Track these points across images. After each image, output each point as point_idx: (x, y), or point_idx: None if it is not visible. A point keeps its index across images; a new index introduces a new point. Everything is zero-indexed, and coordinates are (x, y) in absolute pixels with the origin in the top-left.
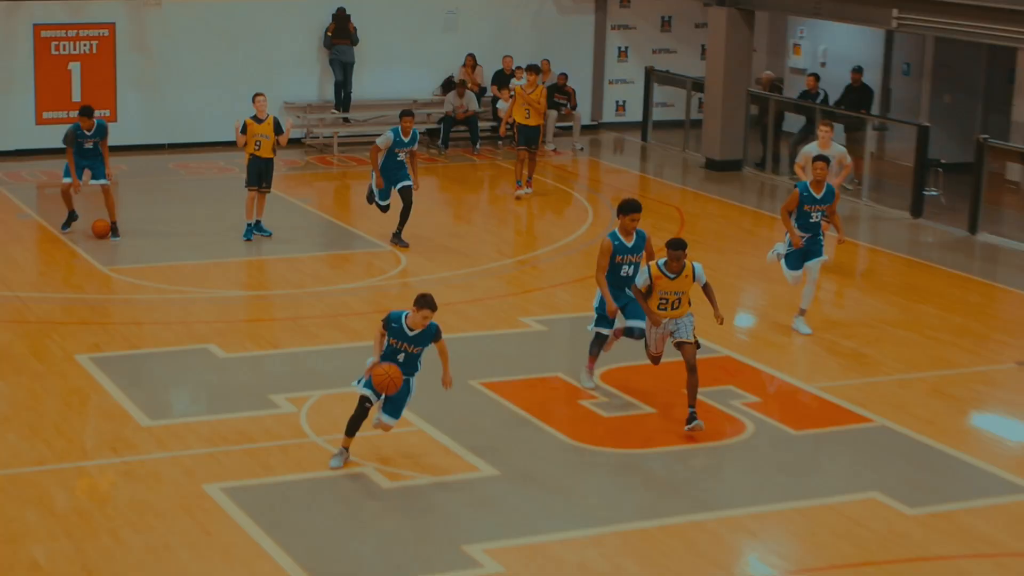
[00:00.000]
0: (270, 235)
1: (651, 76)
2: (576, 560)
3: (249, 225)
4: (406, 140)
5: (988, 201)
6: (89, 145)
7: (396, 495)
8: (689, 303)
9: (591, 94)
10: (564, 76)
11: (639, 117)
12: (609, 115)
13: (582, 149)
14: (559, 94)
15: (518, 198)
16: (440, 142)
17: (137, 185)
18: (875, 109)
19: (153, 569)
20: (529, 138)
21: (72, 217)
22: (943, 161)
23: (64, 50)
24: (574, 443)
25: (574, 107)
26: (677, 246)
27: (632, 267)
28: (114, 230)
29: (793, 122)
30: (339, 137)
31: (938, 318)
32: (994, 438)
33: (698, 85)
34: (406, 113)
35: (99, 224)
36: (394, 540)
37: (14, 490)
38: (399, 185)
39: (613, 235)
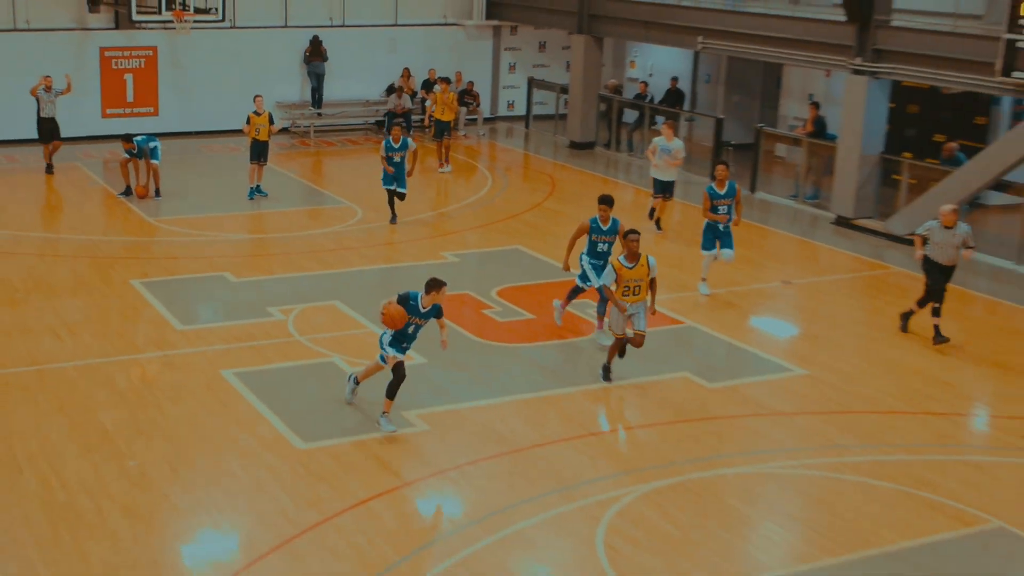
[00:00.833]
0: (266, 195)
1: (531, 83)
2: (481, 420)
3: (251, 188)
4: (396, 146)
5: (763, 170)
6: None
7: None
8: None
9: (490, 96)
10: (471, 83)
11: (523, 112)
12: (503, 111)
13: (484, 135)
14: (468, 96)
15: (441, 173)
16: (385, 130)
17: (173, 161)
18: (686, 106)
19: (186, 430)
20: (442, 129)
21: (128, 191)
22: (732, 142)
23: (121, 65)
24: (480, 340)
25: (478, 105)
26: (633, 232)
27: (607, 245)
28: (157, 192)
29: (630, 115)
30: (315, 127)
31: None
32: (766, 334)
33: (564, 89)
34: (395, 125)
35: (140, 189)
36: (358, 405)
37: (88, 375)
38: (391, 186)
39: (593, 219)
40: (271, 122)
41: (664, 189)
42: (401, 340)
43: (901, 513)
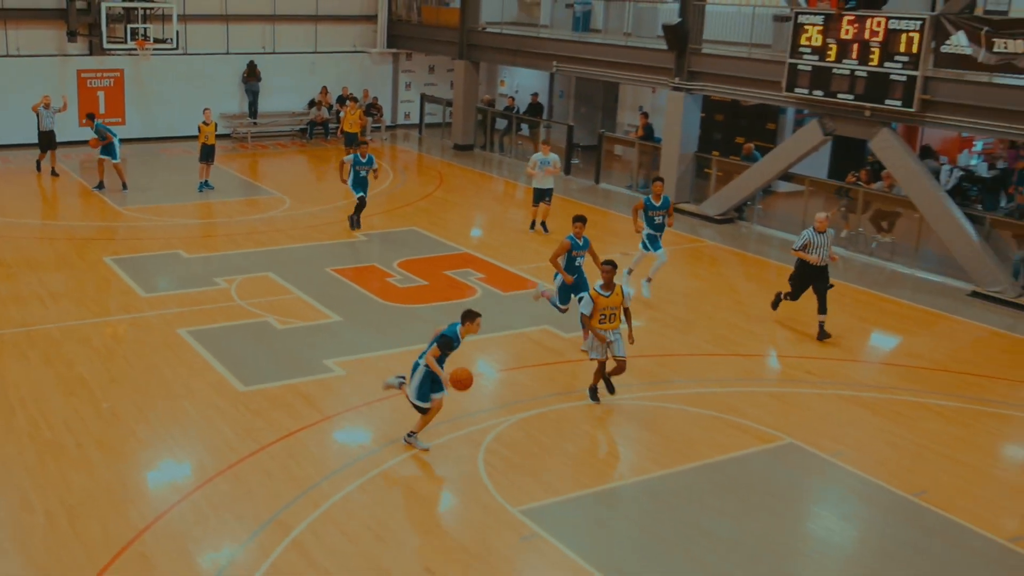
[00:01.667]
0: (213, 188)
1: (423, 98)
2: (386, 366)
3: (201, 183)
4: (364, 161)
5: (605, 166)
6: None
7: (286, 333)
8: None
9: (391, 108)
10: (376, 98)
11: (417, 121)
12: (401, 120)
13: (386, 139)
14: (373, 108)
15: (344, 179)
16: (308, 135)
17: (138, 161)
18: (545, 116)
19: (149, 378)
20: (351, 140)
21: (100, 185)
22: (581, 144)
23: (94, 84)
24: (384, 302)
25: (382, 115)
26: (608, 263)
27: (581, 259)
28: (124, 186)
29: (501, 123)
30: (251, 133)
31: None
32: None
33: (449, 103)
34: (360, 143)
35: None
36: (286, 357)
37: (69, 334)
38: (359, 195)
39: (571, 237)
40: (217, 130)
41: (544, 196)
42: (433, 377)
43: (715, 434)
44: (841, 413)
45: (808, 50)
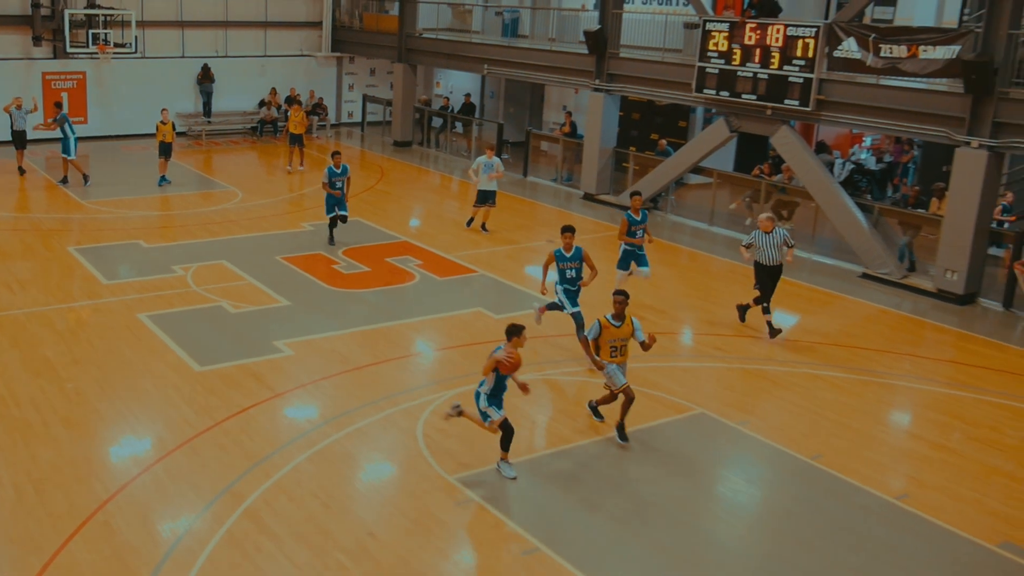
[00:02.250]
0: (171, 182)
1: (365, 99)
2: (331, 347)
3: (160, 178)
4: (339, 171)
5: (532, 161)
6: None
7: (239, 316)
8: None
9: (335, 108)
10: (321, 98)
11: (360, 119)
12: (345, 119)
13: (331, 137)
14: (319, 108)
15: (289, 172)
16: (258, 133)
17: (100, 157)
18: (477, 115)
19: (111, 359)
20: (295, 140)
21: (65, 180)
22: (511, 141)
23: (59, 85)
24: (330, 287)
25: (327, 115)
26: (620, 293)
27: (574, 271)
28: (86, 179)
29: (436, 121)
30: (205, 131)
31: (511, 222)
32: (536, 279)
33: (389, 103)
34: (335, 153)
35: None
36: (239, 339)
37: (35, 319)
38: (333, 213)
39: (557, 250)
40: (174, 128)
41: (488, 198)
42: (499, 394)
43: (635, 405)
44: (747, 385)
45: (715, 54)
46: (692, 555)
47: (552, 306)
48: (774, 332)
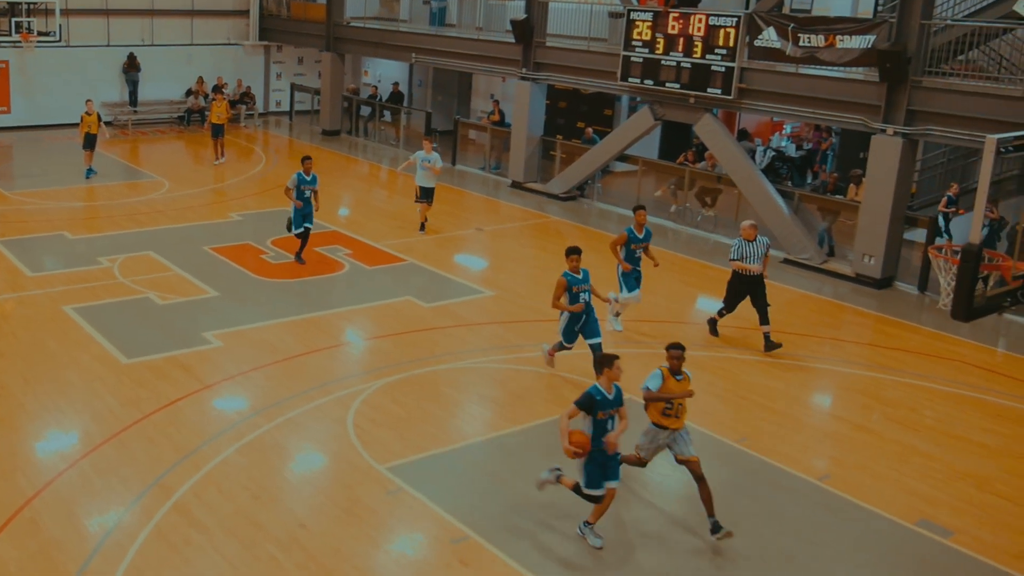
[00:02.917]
0: (97, 173)
1: (293, 88)
2: (260, 337)
3: (87, 169)
4: (308, 179)
5: (461, 149)
6: None
7: (167, 308)
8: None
9: (263, 97)
10: (249, 87)
11: (288, 108)
12: (272, 108)
13: (259, 126)
14: (246, 97)
15: (216, 166)
16: (185, 123)
17: (24, 148)
18: (405, 103)
19: (36, 352)
20: (217, 131)
21: None
22: (439, 129)
23: None
24: (258, 277)
25: (255, 104)
26: (675, 347)
27: (586, 294)
28: None
29: (365, 110)
30: (132, 121)
31: (439, 210)
32: (465, 266)
33: (317, 91)
34: (305, 158)
35: None
36: (167, 330)
37: None
38: (300, 228)
39: (566, 273)
40: (100, 119)
41: (426, 195)
42: (599, 457)
43: (561, 392)
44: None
45: (639, 43)
46: (620, 542)
47: (560, 347)
48: (772, 346)
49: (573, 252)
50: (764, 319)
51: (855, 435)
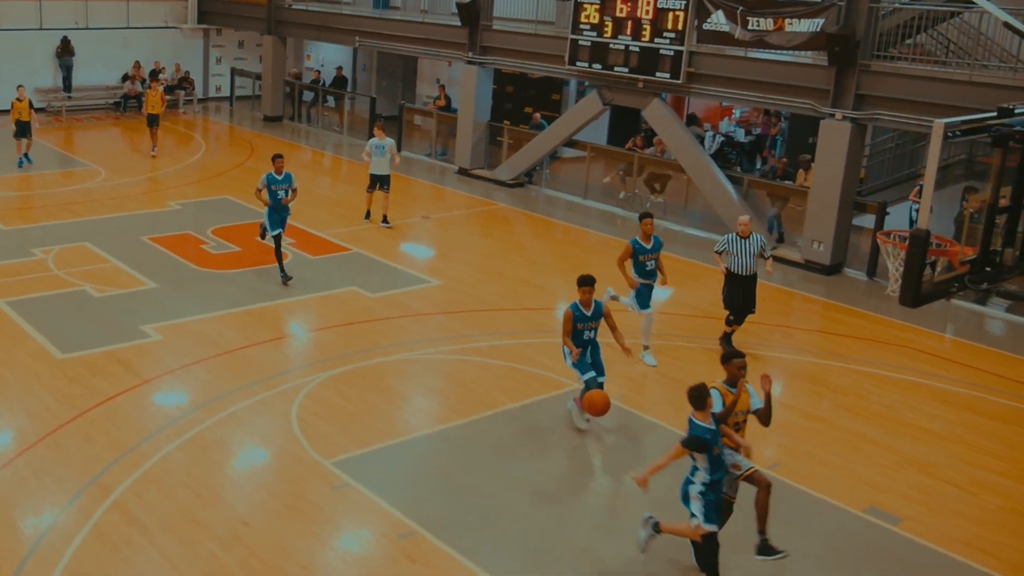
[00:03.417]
0: (32, 162)
1: (234, 72)
2: (201, 330)
3: (20, 158)
4: (280, 179)
5: (406, 135)
6: None
7: (104, 300)
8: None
9: (202, 82)
10: (188, 72)
11: (228, 94)
12: (212, 93)
13: (198, 112)
14: (185, 82)
15: (153, 157)
16: (122, 109)
17: None
18: (349, 88)
19: None
20: (151, 121)
21: None
22: (384, 115)
23: None
24: (199, 268)
25: (194, 89)
26: (735, 355)
27: (591, 332)
28: None
29: (308, 95)
30: (66, 107)
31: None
32: (411, 255)
33: (258, 76)
34: (275, 157)
35: None
36: (104, 324)
37: None
38: (277, 231)
39: (574, 305)
40: (31, 106)
41: (380, 183)
42: (717, 486)
43: (510, 383)
44: (622, 359)
45: (587, 27)
46: (570, 533)
47: (586, 388)
48: (727, 345)
49: (585, 283)
50: (740, 318)
51: (804, 423)
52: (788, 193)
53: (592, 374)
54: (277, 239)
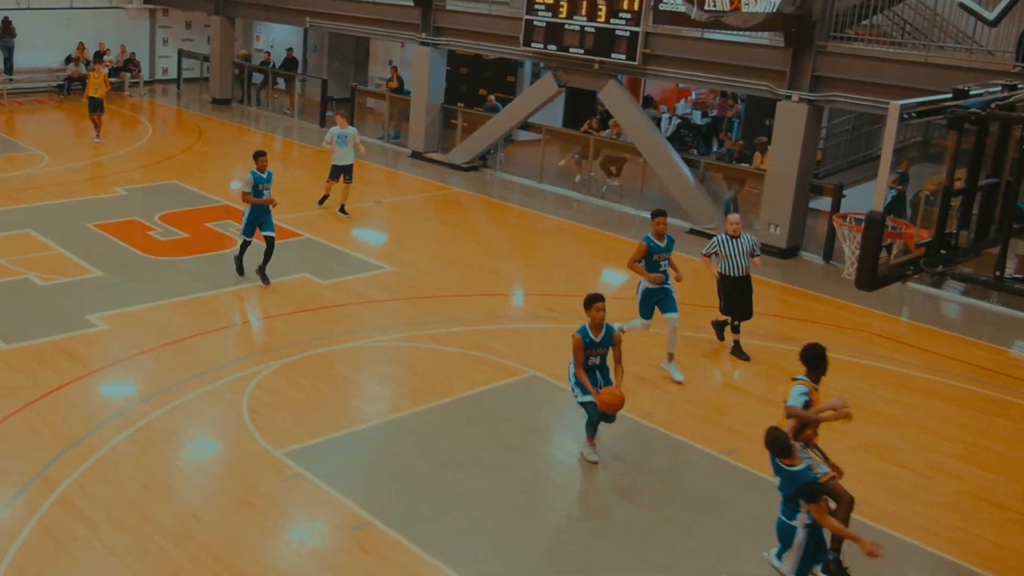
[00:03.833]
0: None
1: (181, 54)
2: (150, 319)
3: None
4: (265, 177)
5: (358, 118)
6: None
7: (48, 289)
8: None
9: (149, 64)
10: (133, 54)
11: (175, 76)
12: (159, 75)
13: (144, 94)
14: (131, 64)
15: (96, 142)
16: (65, 91)
17: None
18: (299, 70)
19: None
20: (94, 105)
21: None
22: (335, 97)
23: None
24: (146, 255)
25: (140, 71)
26: (814, 351)
27: (599, 359)
28: None
29: (257, 77)
30: (7, 90)
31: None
32: (364, 241)
33: (206, 58)
34: (259, 154)
35: None
36: (49, 314)
37: None
38: (264, 231)
39: (583, 330)
40: None
41: (343, 173)
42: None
43: (465, 370)
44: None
45: (542, 7)
46: (525, 522)
47: (590, 428)
48: (741, 355)
49: (595, 301)
50: (735, 328)
51: (760, 408)
52: (744, 176)
53: (590, 398)
54: (244, 246)
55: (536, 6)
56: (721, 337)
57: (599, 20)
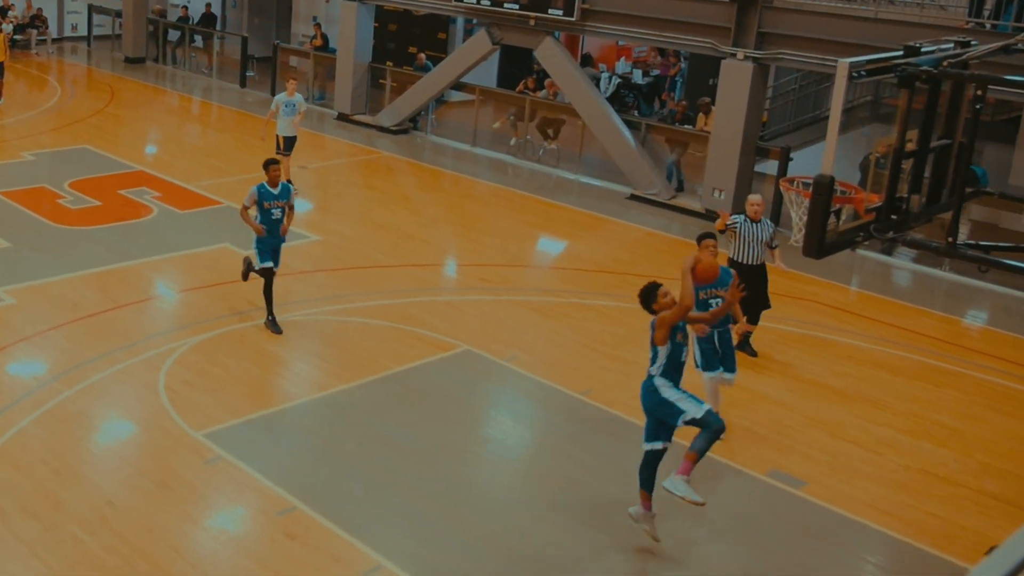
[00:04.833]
0: None
1: (91, 9)
2: (59, 292)
3: None
4: (277, 192)
5: (280, 78)
6: None
7: None
8: None
9: (57, 20)
10: (40, 9)
11: (85, 33)
12: (68, 32)
13: (52, 53)
14: (38, 20)
15: None
16: None
17: None
18: (218, 27)
19: None
20: None
21: None
22: (256, 56)
23: None
24: (55, 225)
25: (47, 28)
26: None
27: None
28: None
29: (173, 35)
30: None
31: (257, 147)
32: None
33: (118, 13)
34: (270, 163)
35: None
36: None
37: None
38: (267, 263)
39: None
40: None
41: (288, 146)
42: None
43: (394, 345)
44: (513, 318)
45: None
46: (457, 503)
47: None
48: (747, 348)
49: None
50: (755, 317)
51: (702, 383)
52: (688, 138)
53: (702, 404)
54: (267, 274)
55: None
56: (751, 352)
57: None
